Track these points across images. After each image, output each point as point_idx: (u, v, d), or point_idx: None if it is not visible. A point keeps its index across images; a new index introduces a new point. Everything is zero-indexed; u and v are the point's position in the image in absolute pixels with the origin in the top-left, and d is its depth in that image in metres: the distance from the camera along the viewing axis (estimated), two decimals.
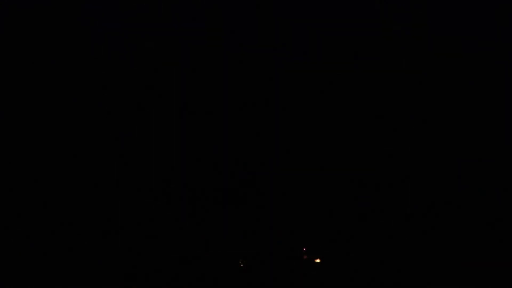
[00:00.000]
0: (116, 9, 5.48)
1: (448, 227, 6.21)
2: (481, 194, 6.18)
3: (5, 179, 5.96)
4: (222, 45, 6.01)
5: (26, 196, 6.07)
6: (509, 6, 5.67)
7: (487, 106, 6.00)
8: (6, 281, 5.43)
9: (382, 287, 5.41)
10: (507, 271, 5.48)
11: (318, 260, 5.66)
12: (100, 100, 5.68)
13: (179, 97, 6.48)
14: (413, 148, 5.89)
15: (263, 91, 6.06)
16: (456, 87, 5.86)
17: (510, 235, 6.08)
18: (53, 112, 6.02)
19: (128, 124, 6.14)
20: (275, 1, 5.90)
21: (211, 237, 6.23)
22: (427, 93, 5.60)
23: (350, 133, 6.20)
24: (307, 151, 6.20)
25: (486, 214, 6.18)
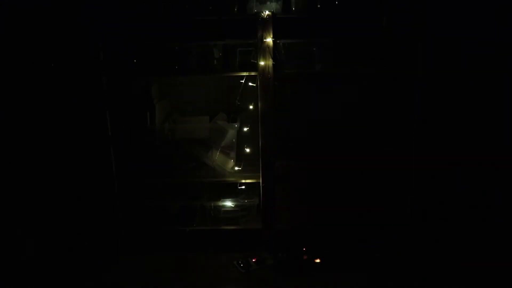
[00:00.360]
0: (116, 9, 5.50)
1: (448, 227, 6.23)
2: (482, 194, 6.19)
3: (5, 178, 5.99)
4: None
5: (25, 195, 6.09)
6: (509, 6, 5.67)
7: (487, 105, 6.01)
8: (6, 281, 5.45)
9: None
10: (507, 271, 5.49)
11: (318, 260, 5.66)
12: (100, 99, 5.71)
13: None
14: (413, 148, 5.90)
15: None
16: (456, 87, 5.87)
17: (510, 235, 6.09)
18: (53, 112, 6.04)
19: None
20: None
21: None
22: (427, 93, 5.61)
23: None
24: None
25: (486, 213, 6.19)
